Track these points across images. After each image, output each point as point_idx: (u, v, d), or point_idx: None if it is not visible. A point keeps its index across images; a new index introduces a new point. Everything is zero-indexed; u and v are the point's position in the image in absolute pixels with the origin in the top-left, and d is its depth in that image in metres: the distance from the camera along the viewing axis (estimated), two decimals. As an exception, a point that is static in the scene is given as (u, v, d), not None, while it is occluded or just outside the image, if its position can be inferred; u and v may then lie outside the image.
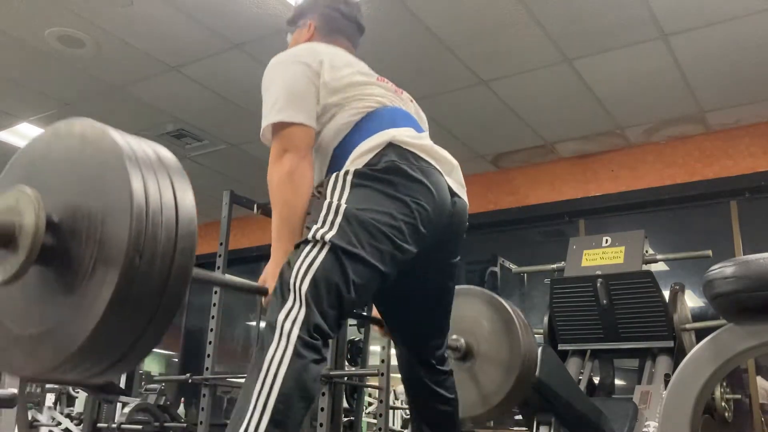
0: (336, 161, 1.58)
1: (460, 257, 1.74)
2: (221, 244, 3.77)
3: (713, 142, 4.66)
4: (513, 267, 4.97)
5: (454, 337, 2.24)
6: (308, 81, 1.59)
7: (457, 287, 2.38)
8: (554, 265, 3.84)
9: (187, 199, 1.11)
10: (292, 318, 1.32)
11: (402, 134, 1.55)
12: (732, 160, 4.55)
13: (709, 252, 3.49)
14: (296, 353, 1.28)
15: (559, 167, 5.19)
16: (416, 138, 1.57)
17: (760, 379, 4.15)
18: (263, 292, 1.50)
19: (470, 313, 2.29)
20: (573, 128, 4.72)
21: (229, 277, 1.49)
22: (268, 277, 1.50)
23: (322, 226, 1.41)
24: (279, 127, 1.55)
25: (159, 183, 1.08)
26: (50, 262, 1.06)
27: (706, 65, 3.88)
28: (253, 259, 6.29)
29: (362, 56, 1.81)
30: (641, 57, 3.82)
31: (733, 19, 3.46)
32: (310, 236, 1.41)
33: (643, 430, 2.90)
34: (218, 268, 3.74)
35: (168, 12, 3.56)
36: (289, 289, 1.36)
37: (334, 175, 1.51)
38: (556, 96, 4.30)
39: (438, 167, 1.57)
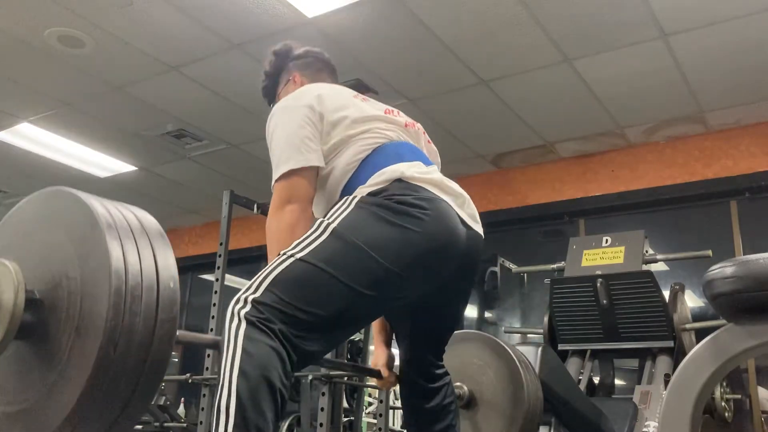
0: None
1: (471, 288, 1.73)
2: (221, 244, 3.77)
3: (713, 142, 4.65)
4: (513, 267, 4.97)
5: (457, 384, 2.16)
6: (310, 122, 1.58)
7: (458, 332, 2.37)
8: (554, 265, 3.83)
9: (169, 265, 1.08)
10: (242, 300, 1.30)
11: (410, 169, 1.53)
12: (732, 160, 4.55)
13: (709, 252, 3.49)
14: (246, 336, 1.26)
15: (559, 167, 5.19)
16: (425, 173, 1.55)
17: (761, 390, 4.14)
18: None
19: (473, 359, 2.24)
20: (573, 128, 4.72)
21: (213, 337, 1.45)
22: None
23: (302, 242, 1.40)
24: (282, 177, 1.54)
25: (139, 250, 1.05)
26: (30, 337, 1.03)
27: (706, 65, 3.88)
28: (254, 259, 6.28)
29: (362, 57, 1.82)
30: (641, 57, 3.82)
31: (733, 19, 3.46)
32: (287, 251, 1.39)
33: (643, 430, 2.90)
34: (218, 268, 3.74)
35: (168, 12, 3.56)
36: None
37: (343, 198, 1.50)
38: (556, 96, 4.30)
39: (448, 201, 1.55)
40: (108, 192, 6.10)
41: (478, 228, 1.64)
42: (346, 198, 1.50)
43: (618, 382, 3.79)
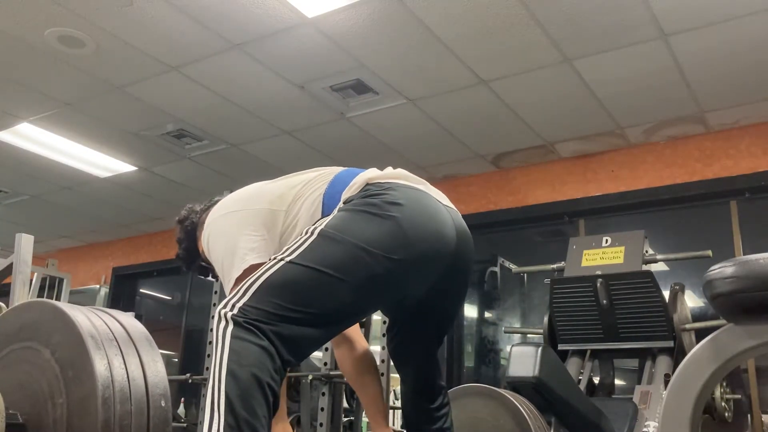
0: None
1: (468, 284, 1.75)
2: (221, 244, 3.76)
3: (713, 142, 4.65)
4: (513, 267, 4.98)
5: None
6: (242, 223, 1.64)
7: (467, 386, 2.33)
8: (554, 265, 3.83)
9: (158, 381, 1.07)
10: (230, 305, 1.31)
11: (374, 173, 1.60)
12: (732, 160, 4.55)
13: (709, 252, 3.49)
14: (233, 335, 1.27)
15: (559, 167, 5.19)
16: (387, 171, 1.62)
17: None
18: None
19: (486, 417, 2.24)
20: (573, 128, 4.72)
21: None
22: None
23: (291, 246, 1.42)
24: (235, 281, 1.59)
25: (127, 369, 1.04)
26: None
27: (706, 65, 3.88)
28: (253, 259, 6.28)
29: (362, 57, 1.82)
30: (641, 57, 3.82)
31: (733, 19, 3.46)
32: (277, 255, 1.42)
33: (643, 430, 2.90)
34: (218, 268, 3.73)
35: (168, 12, 3.56)
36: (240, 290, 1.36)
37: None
38: (556, 96, 4.29)
39: (420, 188, 1.58)
40: (108, 192, 6.11)
41: (452, 206, 1.67)
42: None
43: (618, 382, 3.79)
